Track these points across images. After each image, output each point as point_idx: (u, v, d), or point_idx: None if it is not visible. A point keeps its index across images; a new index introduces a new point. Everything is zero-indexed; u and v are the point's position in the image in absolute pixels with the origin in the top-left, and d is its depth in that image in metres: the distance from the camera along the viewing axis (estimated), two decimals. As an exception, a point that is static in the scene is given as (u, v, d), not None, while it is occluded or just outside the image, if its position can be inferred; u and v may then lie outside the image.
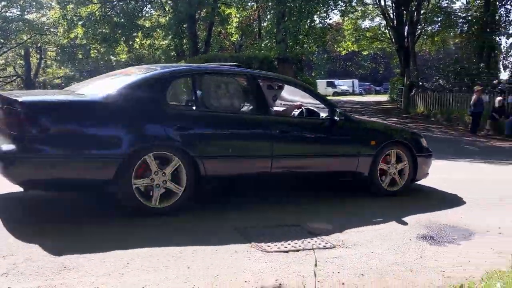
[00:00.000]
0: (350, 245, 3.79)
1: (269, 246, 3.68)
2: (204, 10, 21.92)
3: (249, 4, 23.31)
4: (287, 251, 3.58)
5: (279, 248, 3.65)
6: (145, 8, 26.06)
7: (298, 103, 5.96)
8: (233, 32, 23.43)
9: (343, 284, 3.02)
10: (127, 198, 4.18)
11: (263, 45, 19.72)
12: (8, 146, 3.89)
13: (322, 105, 5.61)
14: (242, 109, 5.10)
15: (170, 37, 21.84)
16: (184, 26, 21.64)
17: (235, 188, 5.37)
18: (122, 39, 24.34)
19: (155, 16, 26.76)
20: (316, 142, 5.32)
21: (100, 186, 4.21)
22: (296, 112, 5.86)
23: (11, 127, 3.98)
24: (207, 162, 4.46)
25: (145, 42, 25.29)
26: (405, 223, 4.50)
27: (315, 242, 3.84)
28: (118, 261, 3.19)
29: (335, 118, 5.29)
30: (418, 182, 6.12)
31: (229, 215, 4.51)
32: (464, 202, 5.57)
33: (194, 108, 4.67)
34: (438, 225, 4.50)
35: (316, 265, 2.67)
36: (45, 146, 3.91)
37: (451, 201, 5.65)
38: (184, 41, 22.35)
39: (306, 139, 5.28)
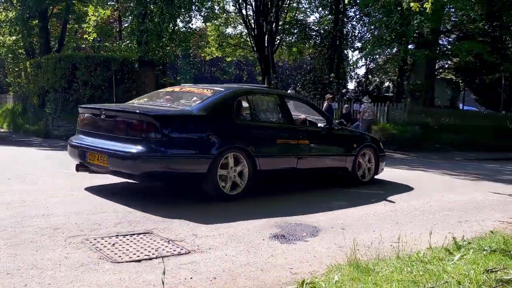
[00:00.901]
0: (205, 249, 3.79)
1: (120, 256, 3.50)
2: (58, 7, 20.31)
3: (108, 3, 22.21)
4: (139, 260, 3.43)
5: (131, 257, 3.49)
6: (-13, -1, 23.24)
7: (303, 115, 7.32)
8: (90, 31, 22.06)
9: (194, 289, 2.99)
10: (213, 188, 5.44)
11: (123, 45, 18.95)
12: (130, 147, 5.08)
13: (319, 117, 7.28)
14: (279, 120, 6.53)
15: (17, 33, 19.82)
16: (34, 22, 19.79)
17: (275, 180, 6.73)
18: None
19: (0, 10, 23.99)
20: (323, 145, 6.98)
21: (197, 179, 5.42)
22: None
23: (132, 133, 5.17)
24: (261, 160, 5.83)
25: (-14, 39, 22.51)
26: (260, 224, 4.66)
27: (170, 248, 3.76)
28: None
29: (334, 127, 7.09)
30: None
31: (81, 227, 4.20)
32: (314, 202, 5.97)
33: (250, 119, 6.11)
34: (289, 224, 4.75)
35: (164, 273, 2.60)
36: (162, 147, 5.08)
37: (301, 200, 6.02)
38: (35, 39, 20.46)
39: (318, 143, 6.84)
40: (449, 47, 24.33)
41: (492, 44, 23.16)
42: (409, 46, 21.79)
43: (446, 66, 32.64)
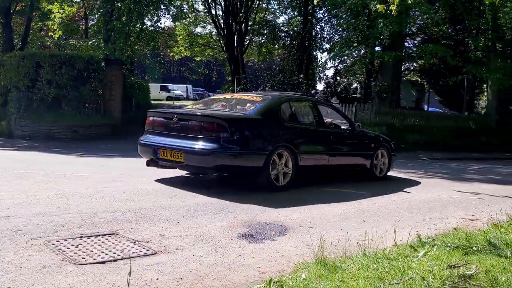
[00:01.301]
0: (172, 250, 3.73)
1: (84, 258, 3.41)
2: (22, 3, 19.69)
3: (74, 0, 21.69)
4: (103, 262, 3.35)
5: (95, 259, 3.40)
6: None
7: (329, 119, 8.25)
8: (55, 28, 21.44)
9: (161, 290, 2.94)
10: (267, 180, 6.35)
11: (90, 44, 18.50)
12: (204, 145, 6.04)
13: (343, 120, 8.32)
14: (314, 123, 7.52)
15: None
16: (-4, 18, 19.16)
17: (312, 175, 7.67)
18: None
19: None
20: (348, 145, 8.08)
21: (254, 172, 6.36)
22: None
23: (205, 133, 6.10)
24: (301, 156, 6.81)
25: None
26: (228, 223, 4.63)
27: (136, 249, 3.69)
28: None
29: (356, 129, 8.12)
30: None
31: (43, 228, 4.07)
32: (284, 201, 5.98)
33: (292, 122, 7.07)
34: (258, 223, 4.74)
35: (130, 273, 2.54)
36: (230, 145, 6.05)
37: (269, 201, 6.02)
38: (-4, 36, 19.82)
39: (344, 143, 8.01)
40: (414, 49, 24.88)
41: (455, 47, 23.85)
42: (376, 48, 22.18)
43: (412, 68, 33.42)
